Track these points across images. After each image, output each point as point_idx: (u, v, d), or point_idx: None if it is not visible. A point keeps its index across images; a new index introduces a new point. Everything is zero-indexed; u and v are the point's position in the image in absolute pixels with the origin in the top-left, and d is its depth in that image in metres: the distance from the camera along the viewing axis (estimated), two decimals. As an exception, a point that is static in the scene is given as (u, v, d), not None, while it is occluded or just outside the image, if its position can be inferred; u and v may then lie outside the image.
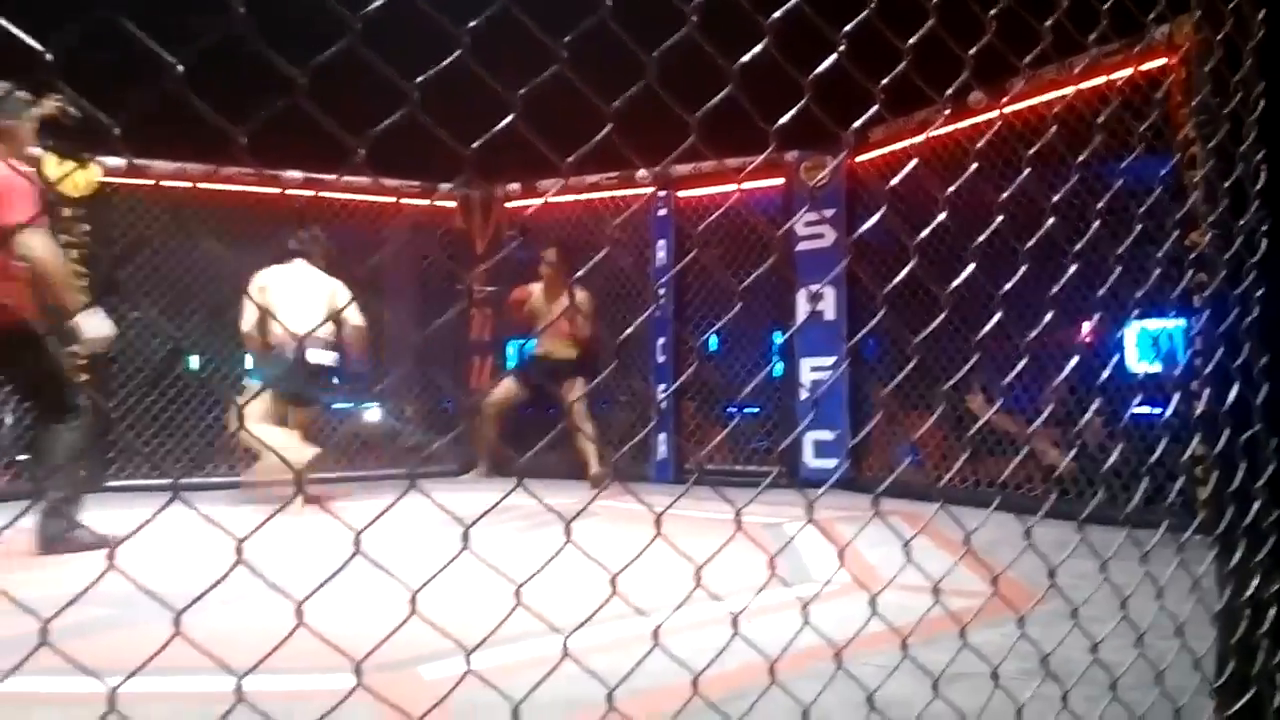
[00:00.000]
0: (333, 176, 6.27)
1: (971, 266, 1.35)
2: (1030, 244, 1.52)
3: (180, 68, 0.73)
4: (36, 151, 5.37)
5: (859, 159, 5.71)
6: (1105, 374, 3.36)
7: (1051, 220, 1.50)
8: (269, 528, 0.98)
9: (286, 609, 0.95)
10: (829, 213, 5.77)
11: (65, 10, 1.33)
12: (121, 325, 5.95)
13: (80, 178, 5.62)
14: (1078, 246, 1.59)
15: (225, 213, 6.25)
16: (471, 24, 0.91)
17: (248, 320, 5.25)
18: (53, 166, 5.42)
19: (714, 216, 2.08)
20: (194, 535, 2.03)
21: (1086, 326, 4.53)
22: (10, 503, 5.02)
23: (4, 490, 5.35)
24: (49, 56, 0.71)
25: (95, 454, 5.48)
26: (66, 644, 0.87)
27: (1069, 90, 3.99)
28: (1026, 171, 1.49)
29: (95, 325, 3.84)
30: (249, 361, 5.96)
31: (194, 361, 6.49)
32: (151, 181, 5.98)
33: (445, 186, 6.77)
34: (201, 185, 6.11)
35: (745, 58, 1.11)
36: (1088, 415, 2.50)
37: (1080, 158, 1.65)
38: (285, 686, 1.86)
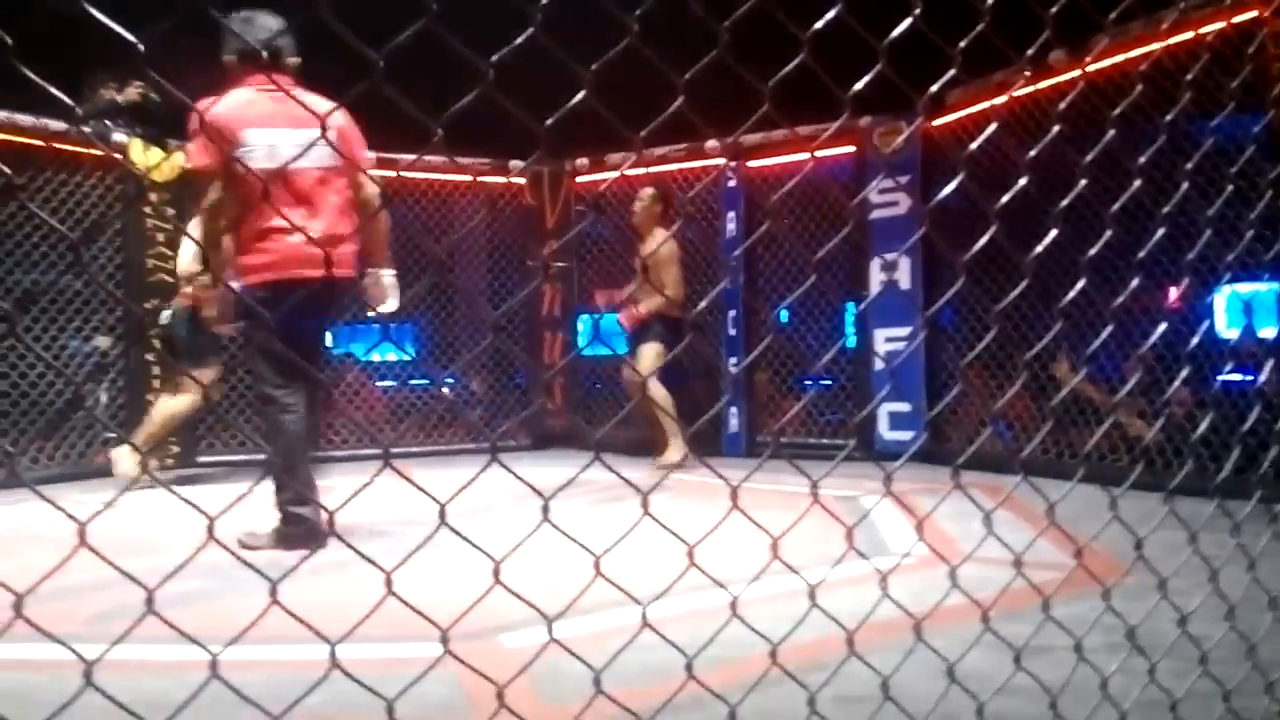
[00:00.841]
0: (408, 157, 6.34)
1: (1054, 232, 1.32)
2: (1115, 207, 1.47)
3: (264, 54, 0.74)
4: (122, 137, 5.56)
5: (935, 123, 5.58)
6: (1194, 340, 3.25)
7: (1137, 183, 1.45)
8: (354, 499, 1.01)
9: (370, 578, 0.98)
10: (904, 179, 5.66)
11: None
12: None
13: (164, 163, 5.76)
14: (1165, 209, 1.54)
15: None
16: (544, 1, 0.92)
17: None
18: (139, 152, 5.59)
19: (786, 188, 2.06)
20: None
21: (1174, 291, 4.39)
22: (103, 479, 5.22)
23: (102, 467, 5.56)
24: (141, 48, 0.74)
25: (188, 431, 5.68)
26: (168, 614, 0.92)
27: (1156, 47, 3.85)
28: (1111, 134, 1.45)
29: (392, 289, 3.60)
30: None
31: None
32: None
33: (515, 163, 6.80)
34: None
35: (819, 24, 1.10)
36: (1176, 383, 2.42)
37: (1168, 117, 1.59)
38: (370, 654, 1.91)
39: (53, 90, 0.77)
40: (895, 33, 1.17)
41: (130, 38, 0.74)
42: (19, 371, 5.16)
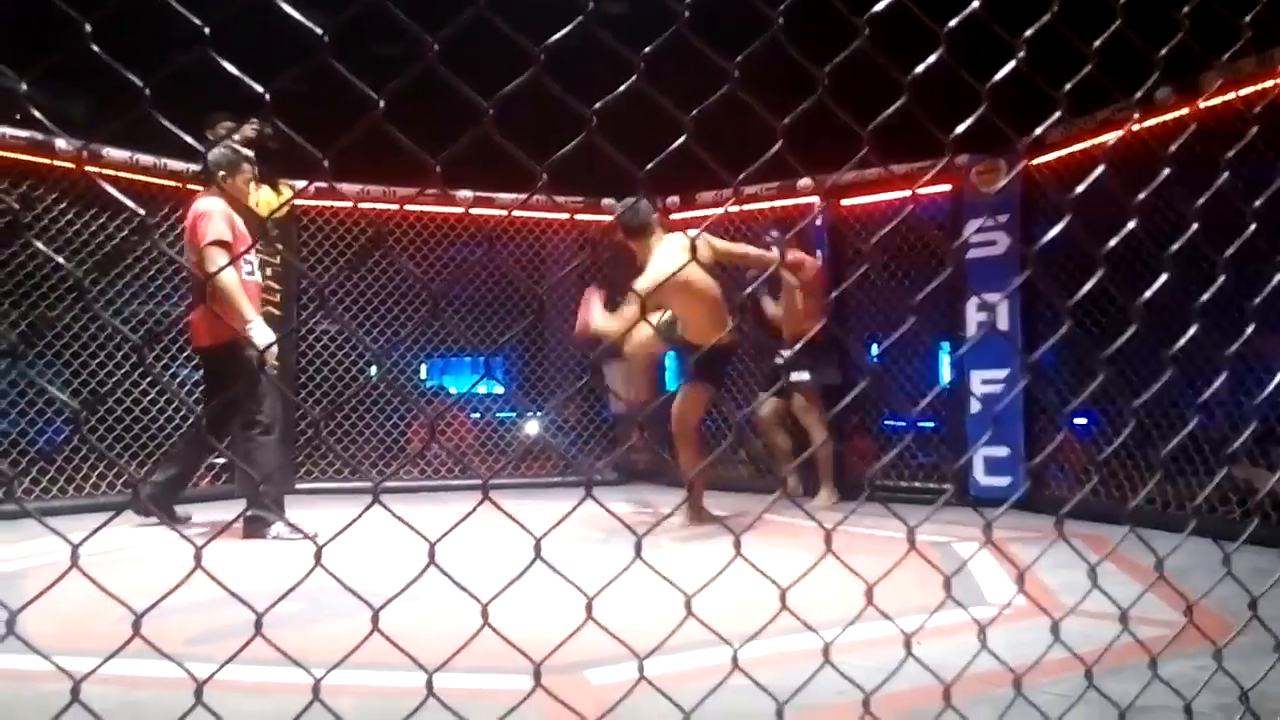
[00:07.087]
0: (509, 196, 6.47)
1: (1165, 276, 1.28)
2: (1230, 251, 1.42)
3: (382, 103, 0.78)
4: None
5: (1035, 161, 5.44)
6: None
7: (1253, 227, 1.40)
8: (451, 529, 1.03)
9: (461, 608, 1.00)
10: (1002, 218, 5.53)
11: (272, 45, 1.44)
12: (309, 338, 6.38)
13: (274, 200, 5.97)
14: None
15: (404, 230, 6.60)
16: (646, 49, 0.93)
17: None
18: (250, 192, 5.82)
19: (884, 231, 2.04)
20: (378, 534, 2.13)
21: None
22: (208, 502, 5.42)
23: (205, 492, 5.75)
24: (267, 96, 0.78)
25: (285, 458, 5.85)
26: (267, 636, 0.94)
27: (1271, 84, 3.71)
28: (1225, 176, 1.40)
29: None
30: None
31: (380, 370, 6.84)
32: (349, 204, 6.28)
33: (608, 202, 6.88)
34: (379, 206, 6.41)
35: (920, 68, 1.09)
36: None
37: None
38: (455, 684, 1.92)
39: (184, 136, 0.82)
40: (997, 76, 1.16)
41: (257, 88, 0.78)
42: (133, 398, 5.39)
